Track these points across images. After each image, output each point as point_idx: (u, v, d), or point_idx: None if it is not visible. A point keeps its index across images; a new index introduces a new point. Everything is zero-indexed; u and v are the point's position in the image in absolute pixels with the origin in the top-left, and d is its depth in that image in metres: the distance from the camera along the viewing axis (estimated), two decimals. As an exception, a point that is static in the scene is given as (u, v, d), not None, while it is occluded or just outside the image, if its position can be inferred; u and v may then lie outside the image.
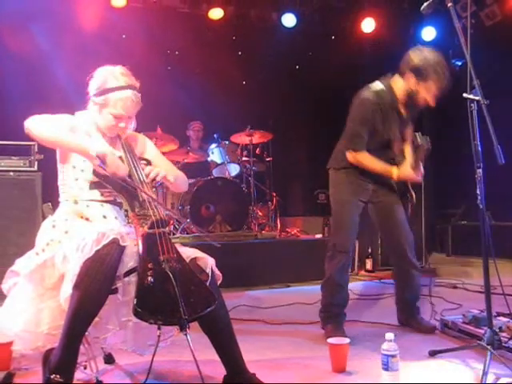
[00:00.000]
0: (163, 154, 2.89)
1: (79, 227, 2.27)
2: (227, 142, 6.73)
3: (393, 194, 3.51)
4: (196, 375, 2.04)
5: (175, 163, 6.16)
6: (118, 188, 2.34)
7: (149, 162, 2.53)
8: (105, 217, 2.40)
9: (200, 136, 7.15)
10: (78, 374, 2.36)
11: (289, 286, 5.23)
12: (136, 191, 2.33)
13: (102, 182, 2.35)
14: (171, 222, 2.56)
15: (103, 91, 2.41)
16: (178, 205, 6.18)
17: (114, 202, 2.44)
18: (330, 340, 2.68)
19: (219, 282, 2.37)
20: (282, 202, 7.25)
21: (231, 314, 2.85)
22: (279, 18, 7.57)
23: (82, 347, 2.19)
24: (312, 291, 4.84)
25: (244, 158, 6.75)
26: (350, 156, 3.36)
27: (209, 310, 2.12)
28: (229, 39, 7.65)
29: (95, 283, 2.03)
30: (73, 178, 2.41)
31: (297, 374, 2.63)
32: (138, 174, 2.41)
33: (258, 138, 6.63)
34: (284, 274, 5.38)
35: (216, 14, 7.19)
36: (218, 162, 6.66)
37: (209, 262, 2.33)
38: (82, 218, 2.36)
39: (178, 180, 2.66)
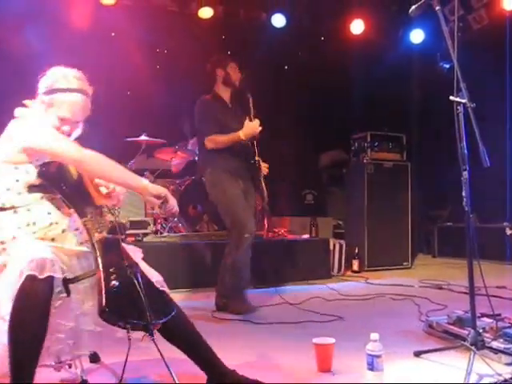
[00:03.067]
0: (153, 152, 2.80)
1: (15, 248, 2.05)
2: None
3: (252, 186, 4.25)
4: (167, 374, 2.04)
5: (164, 162, 6.13)
6: (67, 194, 2.19)
7: None
8: (49, 213, 2.20)
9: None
10: (63, 374, 2.36)
11: (275, 286, 5.23)
12: (90, 198, 2.24)
13: (47, 185, 2.20)
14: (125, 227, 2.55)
15: (51, 91, 2.33)
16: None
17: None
18: (316, 340, 2.69)
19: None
20: (269, 202, 7.23)
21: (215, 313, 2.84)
22: (269, 18, 7.58)
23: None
24: (298, 291, 4.86)
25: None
26: (208, 143, 3.96)
27: (172, 314, 2.13)
28: (218, 38, 7.64)
29: (30, 323, 1.88)
30: (13, 180, 2.19)
31: (282, 374, 2.64)
32: None
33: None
34: (271, 274, 5.37)
35: (205, 13, 7.18)
36: (206, 161, 6.59)
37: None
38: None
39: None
